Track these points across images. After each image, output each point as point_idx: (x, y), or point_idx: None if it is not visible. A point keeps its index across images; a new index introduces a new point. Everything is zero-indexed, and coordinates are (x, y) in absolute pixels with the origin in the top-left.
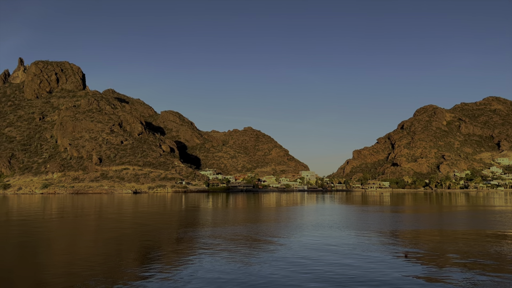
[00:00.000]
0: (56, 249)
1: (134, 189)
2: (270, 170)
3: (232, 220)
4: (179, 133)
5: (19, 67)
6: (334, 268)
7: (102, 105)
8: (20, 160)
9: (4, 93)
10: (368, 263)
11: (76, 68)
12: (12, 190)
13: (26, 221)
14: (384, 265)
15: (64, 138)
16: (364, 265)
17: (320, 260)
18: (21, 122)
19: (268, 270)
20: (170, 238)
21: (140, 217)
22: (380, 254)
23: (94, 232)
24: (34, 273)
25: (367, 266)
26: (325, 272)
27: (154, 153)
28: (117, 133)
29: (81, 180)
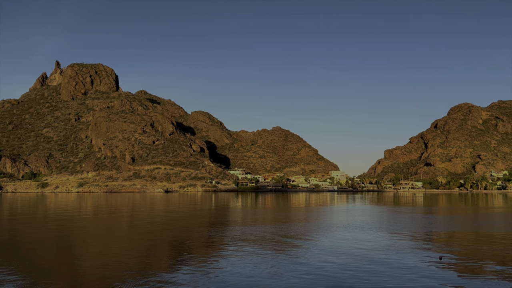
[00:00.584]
0: (91, 245)
1: (165, 188)
2: (299, 170)
3: (261, 219)
4: (208, 133)
5: (56, 70)
6: (364, 272)
7: (135, 106)
8: (57, 160)
9: (42, 95)
10: (401, 265)
11: (110, 70)
12: (50, 189)
13: (63, 219)
14: (417, 269)
15: (98, 138)
16: (397, 268)
17: (351, 262)
18: (58, 123)
19: (297, 272)
20: (200, 236)
21: (171, 215)
22: (414, 257)
23: (127, 230)
24: (70, 268)
25: (401, 270)
26: (355, 275)
27: (185, 153)
28: (149, 133)
29: (114, 179)
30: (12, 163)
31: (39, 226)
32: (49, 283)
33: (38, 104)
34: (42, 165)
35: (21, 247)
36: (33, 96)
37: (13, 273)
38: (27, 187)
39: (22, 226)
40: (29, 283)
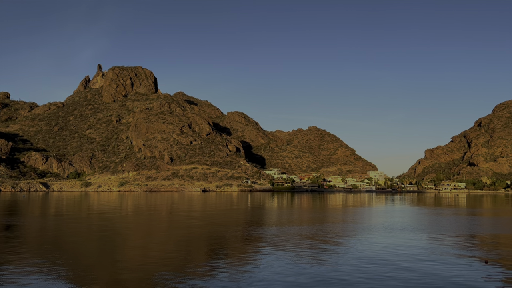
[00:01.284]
0: (132, 242)
1: (202, 188)
2: (336, 170)
3: (297, 219)
4: (244, 133)
5: (98, 73)
6: (404, 275)
7: (173, 107)
8: (100, 160)
9: (85, 97)
10: (443, 271)
11: (149, 72)
12: (93, 188)
13: (105, 217)
14: (462, 275)
15: (139, 139)
16: (443, 272)
17: (392, 265)
18: (100, 124)
19: (334, 273)
20: (237, 235)
21: (208, 214)
22: (458, 260)
23: (166, 228)
24: (112, 264)
25: (446, 274)
26: (396, 278)
27: (221, 153)
28: (187, 133)
29: (154, 179)
30: (58, 163)
31: (83, 224)
32: (92, 278)
33: (81, 106)
34: (85, 165)
35: (67, 244)
36: (77, 98)
37: (59, 269)
38: (71, 186)
39: (68, 223)
40: (74, 277)
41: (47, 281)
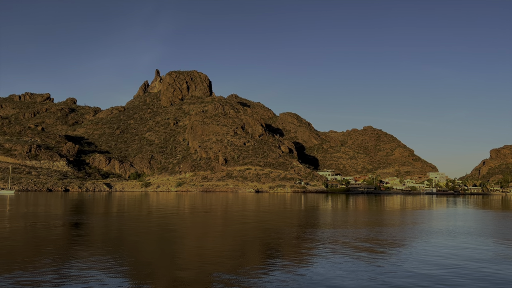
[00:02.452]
0: (189, 241)
1: (256, 188)
2: (393, 171)
3: (353, 222)
4: (297, 134)
5: (156, 78)
6: (477, 283)
7: (227, 110)
8: (158, 161)
9: (144, 101)
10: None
11: (204, 76)
12: (152, 188)
13: (164, 216)
14: None
15: (194, 141)
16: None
17: (459, 270)
18: (158, 127)
19: (392, 278)
20: (290, 237)
21: (262, 215)
22: None
23: (221, 228)
24: (170, 262)
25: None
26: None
27: (274, 154)
28: (240, 135)
29: (209, 179)
30: (120, 164)
31: (143, 222)
32: (151, 276)
33: (141, 110)
34: (145, 166)
35: (128, 241)
36: (137, 103)
37: (121, 265)
38: (132, 186)
39: (129, 222)
40: (134, 275)
41: (110, 277)
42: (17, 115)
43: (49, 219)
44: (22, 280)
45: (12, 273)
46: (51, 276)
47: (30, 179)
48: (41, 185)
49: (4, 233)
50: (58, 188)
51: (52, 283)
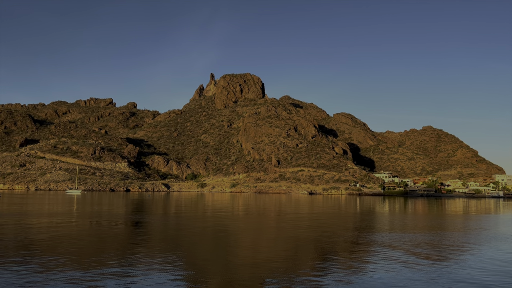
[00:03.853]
0: (243, 242)
1: (309, 190)
2: (455, 173)
3: (411, 226)
4: (351, 135)
5: (211, 82)
6: None
7: (279, 111)
8: (213, 163)
9: (200, 104)
10: None
11: (257, 78)
12: (208, 188)
13: (219, 216)
14: None
15: (248, 143)
16: None
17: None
18: (213, 129)
19: (456, 285)
20: (345, 240)
21: (316, 217)
22: None
23: (274, 229)
24: (225, 262)
25: None
26: None
27: (328, 155)
28: (293, 136)
29: (262, 181)
30: (177, 165)
31: (199, 222)
32: (206, 275)
33: (196, 113)
34: (201, 167)
35: (185, 240)
36: (193, 106)
37: (177, 265)
38: (189, 187)
39: (186, 221)
40: (189, 275)
41: (166, 276)
42: (83, 119)
43: (112, 218)
44: (87, 274)
45: (79, 267)
46: (114, 271)
47: (94, 179)
48: (105, 185)
49: (72, 231)
50: (120, 188)
51: (115, 275)
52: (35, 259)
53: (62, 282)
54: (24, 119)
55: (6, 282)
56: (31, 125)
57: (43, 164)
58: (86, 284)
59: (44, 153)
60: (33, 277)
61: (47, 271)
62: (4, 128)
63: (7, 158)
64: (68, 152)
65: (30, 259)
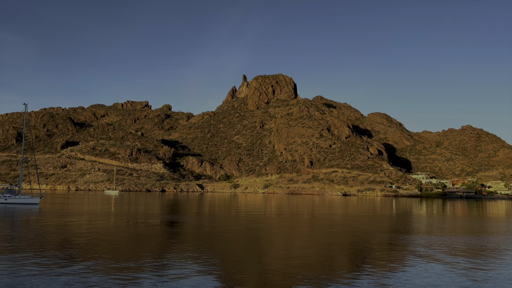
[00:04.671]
0: (276, 243)
1: (343, 192)
2: (497, 174)
3: (450, 228)
4: (387, 135)
5: (243, 83)
6: None
7: (312, 112)
8: (246, 163)
9: (232, 106)
10: None
11: (289, 79)
12: (241, 189)
13: (252, 217)
14: None
15: (280, 144)
16: None
17: None
18: (245, 130)
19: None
20: (381, 243)
21: (350, 219)
22: None
23: (308, 231)
24: (257, 263)
25: None
26: None
27: (362, 156)
28: (326, 137)
29: (295, 182)
30: (211, 166)
31: (232, 223)
32: (238, 277)
33: (229, 115)
34: (234, 168)
35: (218, 241)
36: (225, 107)
37: (210, 265)
38: (222, 188)
39: (220, 222)
40: (222, 275)
41: (200, 276)
42: (120, 121)
43: (148, 218)
44: (124, 272)
45: (116, 265)
46: (149, 269)
47: (131, 180)
48: (141, 186)
49: (110, 230)
50: (155, 188)
51: (151, 273)
52: (75, 257)
53: (101, 279)
54: (65, 122)
55: (49, 280)
56: (72, 127)
57: (82, 165)
58: (123, 282)
59: (84, 154)
60: (72, 275)
61: (87, 268)
62: (47, 131)
63: (49, 160)
64: (106, 154)
65: (71, 257)
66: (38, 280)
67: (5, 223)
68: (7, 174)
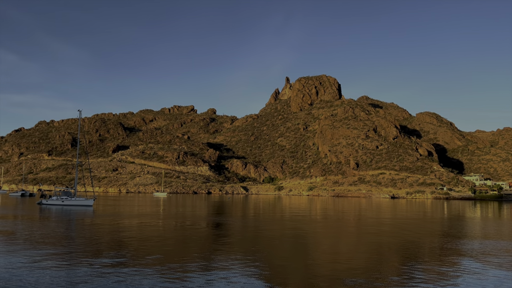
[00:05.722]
0: (322, 246)
1: (391, 194)
2: None
3: (508, 233)
4: (437, 135)
5: (286, 85)
6: None
7: (357, 112)
8: (290, 166)
9: (275, 108)
10: None
11: (333, 79)
12: (285, 192)
13: (297, 220)
14: None
15: (324, 145)
16: None
17: None
18: (289, 132)
19: None
20: (433, 247)
21: (399, 223)
22: None
23: (355, 234)
24: (303, 266)
25: None
26: None
27: (411, 157)
28: (372, 138)
29: (340, 184)
30: (255, 169)
31: (277, 225)
32: (284, 280)
33: (272, 117)
34: (277, 170)
35: (263, 244)
36: (269, 110)
37: (256, 268)
38: (266, 190)
39: (264, 224)
40: (268, 277)
41: (246, 278)
42: (167, 125)
43: (195, 219)
44: (172, 272)
45: (166, 265)
46: (196, 269)
47: (179, 182)
48: (188, 188)
49: (159, 231)
50: (202, 191)
51: (198, 274)
52: (127, 257)
53: (151, 278)
54: (116, 127)
55: (101, 279)
56: (122, 132)
57: (132, 169)
58: (171, 281)
59: (134, 158)
60: (123, 276)
61: (138, 268)
62: (99, 135)
63: (101, 163)
64: (154, 157)
65: (123, 256)
66: (90, 278)
67: (63, 223)
68: (64, 178)
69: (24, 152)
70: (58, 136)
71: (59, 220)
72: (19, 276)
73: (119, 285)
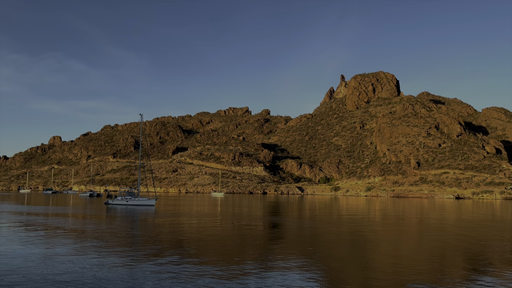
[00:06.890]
0: (382, 249)
1: (456, 194)
2: None
3: None
4: (506, 132)
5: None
6: None
7: (417, 109)
8: (346, 166)
9: (330, 107)
10: None
11: (390, 76)
12: (341, 192)
13: (355, 221)
14: None
15: (382, 144)
16: None
17: None
18: (345, 131)
19: None
20: (502, 251)
21: (465, 225)
22: None
23: (417, 237)
24: (362, 269)
25: None
26: None
27: (477, 155)
28: (434, 136)
29: (400, 184)
30: (310, 169)
31: (334, 226)
32: (344, 281)
33: (327, 116)
34: (333, 170)
35: (320, 245)
36: (323, 109)
37: (313, 270)
38: (322, 190)
39: (321, 225)
40: (326, 281)
41: (303, 280)
42: (223, 127)
43: (252, 219)
44: (229, 272)
45: (223, 265)
46: (253, 270)
47: (235, 183)
48: (244, 188)
49: (217, 231)
50: (257, 191)
51: (255, 274)
52: (186, 255)
53: (208, 278)
54: (175, 130)
55: (158, 276)
56: (181, 134)
57: (191, 169)
58: (228, 281)
59: (192, 159)
60: (184, 275)
61: (196, 266)
62: (159, 138)
63: (162, 165)
64: (211, 158)
65: (182, 255)
66: (150, 275)
67: (128, 222)
68: (127, 179)
69: (91, 155)
70: (122, 139)
71: (124, 220)
72: (92, 272)
73: (173, 282)
